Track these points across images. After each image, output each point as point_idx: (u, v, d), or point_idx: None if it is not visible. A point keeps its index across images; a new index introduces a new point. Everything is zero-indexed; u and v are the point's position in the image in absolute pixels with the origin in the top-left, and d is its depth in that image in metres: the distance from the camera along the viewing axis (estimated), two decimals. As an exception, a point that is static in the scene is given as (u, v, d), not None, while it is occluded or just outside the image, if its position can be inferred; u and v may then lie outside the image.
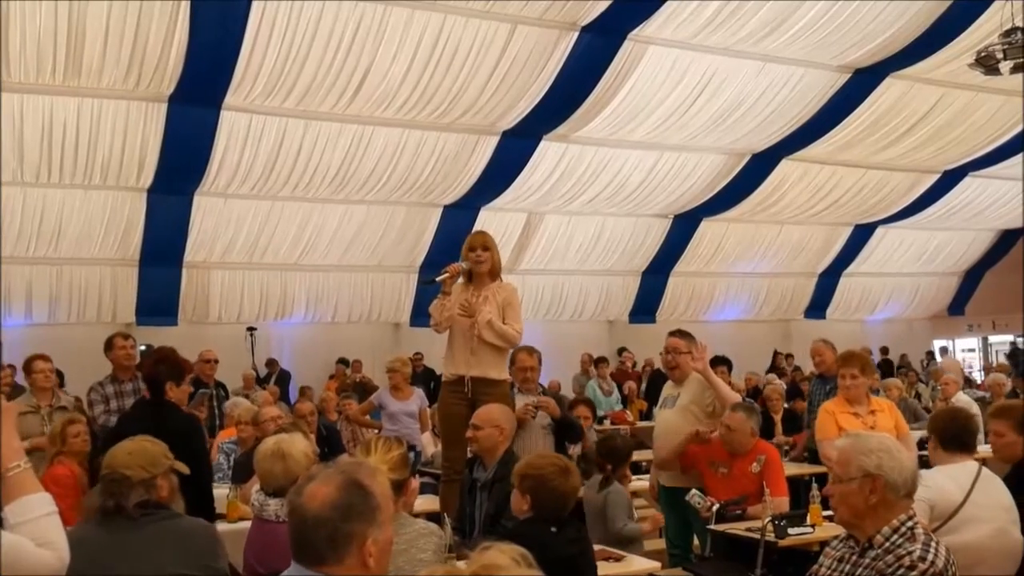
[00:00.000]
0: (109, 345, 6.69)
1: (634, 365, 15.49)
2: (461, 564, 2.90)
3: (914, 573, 2.67)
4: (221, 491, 5.93)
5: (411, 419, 8.17)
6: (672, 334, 5.81)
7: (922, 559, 2.68)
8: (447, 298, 5.42)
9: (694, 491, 5.15)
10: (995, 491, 3.66)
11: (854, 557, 2.87)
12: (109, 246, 12.61)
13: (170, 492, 3.08)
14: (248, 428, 6.36)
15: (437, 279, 5.46)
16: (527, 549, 1.72)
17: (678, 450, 5.49)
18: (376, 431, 8.61)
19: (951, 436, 3.80)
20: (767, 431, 8.04)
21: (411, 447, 4.30)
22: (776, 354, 17.06)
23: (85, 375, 7.29)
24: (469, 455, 4.94)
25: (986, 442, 8.57)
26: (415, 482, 3.79)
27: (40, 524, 2.29)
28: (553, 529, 3.54)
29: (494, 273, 5.53)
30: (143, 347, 8.18)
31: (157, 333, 12.04)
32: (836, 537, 3.10)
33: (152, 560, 2.87)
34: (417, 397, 8.36)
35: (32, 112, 10.41)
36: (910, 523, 2.80)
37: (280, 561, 3.44)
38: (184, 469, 3.18)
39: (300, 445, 3.85)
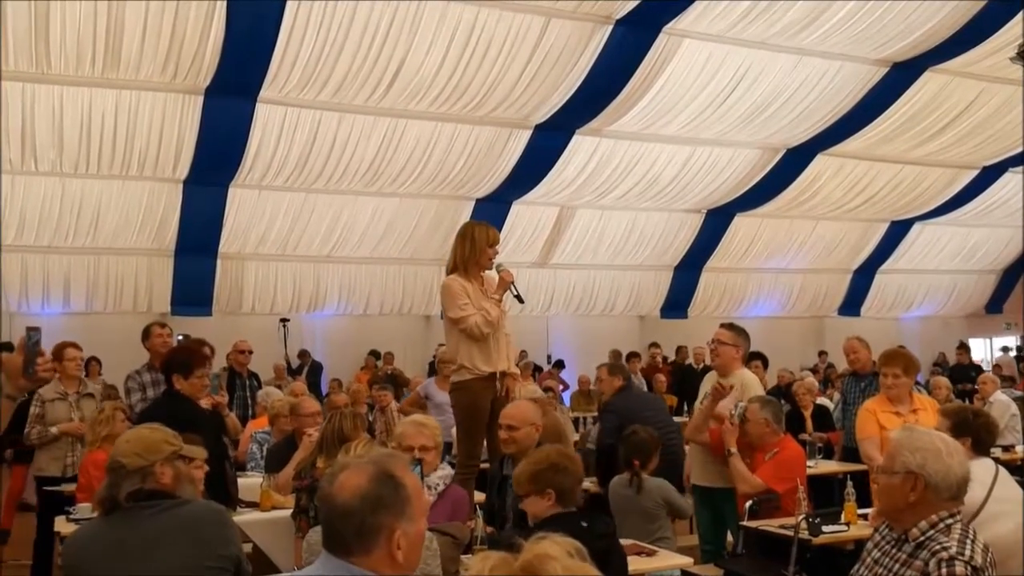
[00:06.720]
0: (147, 334, 6.77)
1: (665, 360, 15.42)
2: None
3: (952, 567, 2.58)
4: (254, 480, 5.98)
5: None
6: (723, 325, 5.76)
7: (960, 553, 2.61)
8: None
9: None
10: (1012, 486, 3.69)
11: (893, 550, 2.82)
12: (145, 236, 12.75)
13: (174, 479, 2.93)
14: (286, 420, 6.34)
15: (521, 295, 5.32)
16: None
17: (707, 414, 5.42)
18: None
19: (974, 435, 3.81)
20: (797, 425, 7.96)
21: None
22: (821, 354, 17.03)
23: (121, 364, 7.39)
24: (486, 450, 5.05)
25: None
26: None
27: None
28: (584, 524, 3.48)
29: None
30: (179, 336, 8.27)
31: (192, 323, 12.19)
32: (884, 523, 3.02)
33: (158, 554, 2.74)
34: None
35: (71, 104, 10.56)
36: (950, 520, 2.73)
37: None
38: (193, 455, 3.11)
39: None
